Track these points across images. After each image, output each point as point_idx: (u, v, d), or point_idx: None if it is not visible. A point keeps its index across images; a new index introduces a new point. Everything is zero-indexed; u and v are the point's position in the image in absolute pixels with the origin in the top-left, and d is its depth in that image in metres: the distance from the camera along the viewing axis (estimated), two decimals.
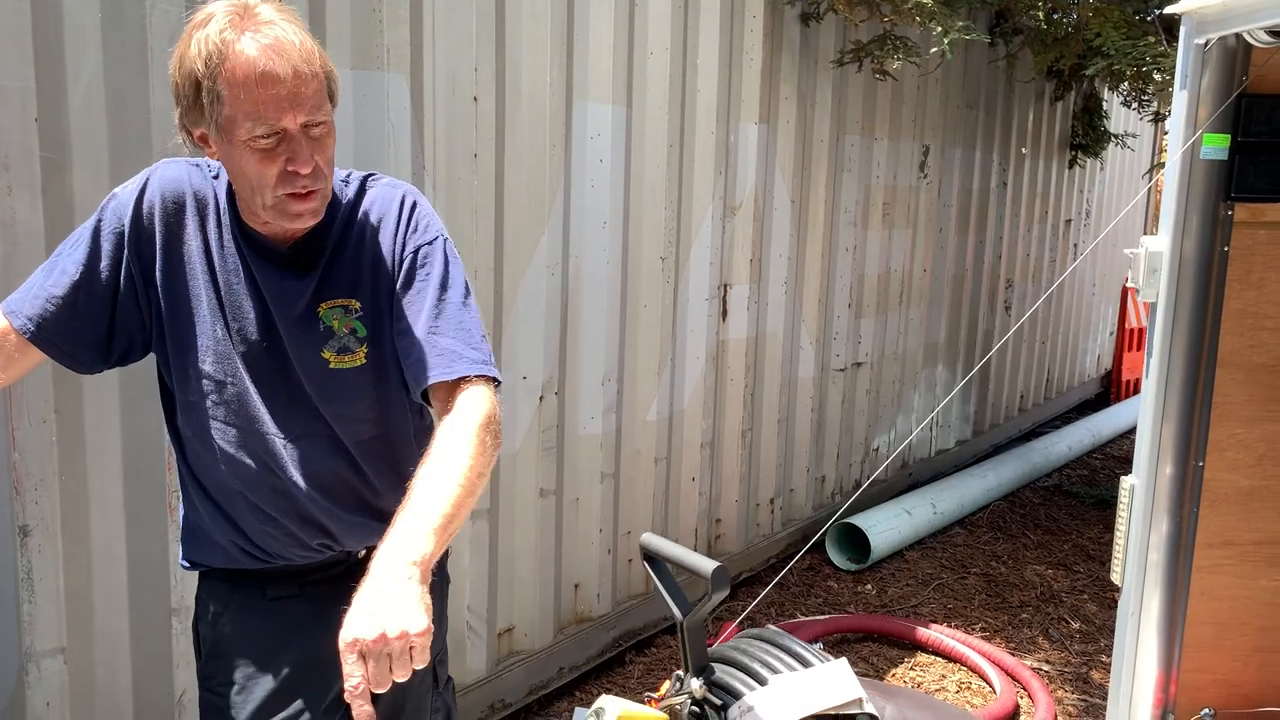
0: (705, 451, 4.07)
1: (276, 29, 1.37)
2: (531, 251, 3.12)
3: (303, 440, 1.53)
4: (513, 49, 2.95)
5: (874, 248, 5.06)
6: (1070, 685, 3.82)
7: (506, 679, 3.24)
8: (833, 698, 1.61)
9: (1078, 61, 4.86)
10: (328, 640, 1.38)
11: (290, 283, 1.51)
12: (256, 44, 1.34)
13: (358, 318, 1.52)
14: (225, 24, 1.35)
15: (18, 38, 1.90)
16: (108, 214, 1.51)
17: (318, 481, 1.54)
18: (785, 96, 4.23)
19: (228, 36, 1.34)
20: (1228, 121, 2.42)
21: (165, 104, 2.12)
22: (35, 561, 2.03)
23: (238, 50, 1.34)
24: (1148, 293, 2.47)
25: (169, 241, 1.51)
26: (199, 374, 1.51)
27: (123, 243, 1.50)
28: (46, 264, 1.52)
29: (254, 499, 1.54)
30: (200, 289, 1.51)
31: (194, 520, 1.62)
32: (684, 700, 1.62)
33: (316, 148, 1.41)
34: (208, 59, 1.34)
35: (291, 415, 1.53)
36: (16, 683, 2.04)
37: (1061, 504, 5.98)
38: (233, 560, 1.59)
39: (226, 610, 1.61)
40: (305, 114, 1.38)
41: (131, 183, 1.54)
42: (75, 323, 1.48)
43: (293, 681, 1.56)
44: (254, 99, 1.34)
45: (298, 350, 1.52)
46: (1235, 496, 2.60)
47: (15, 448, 1.98)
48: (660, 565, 1.73)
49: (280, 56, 1.35)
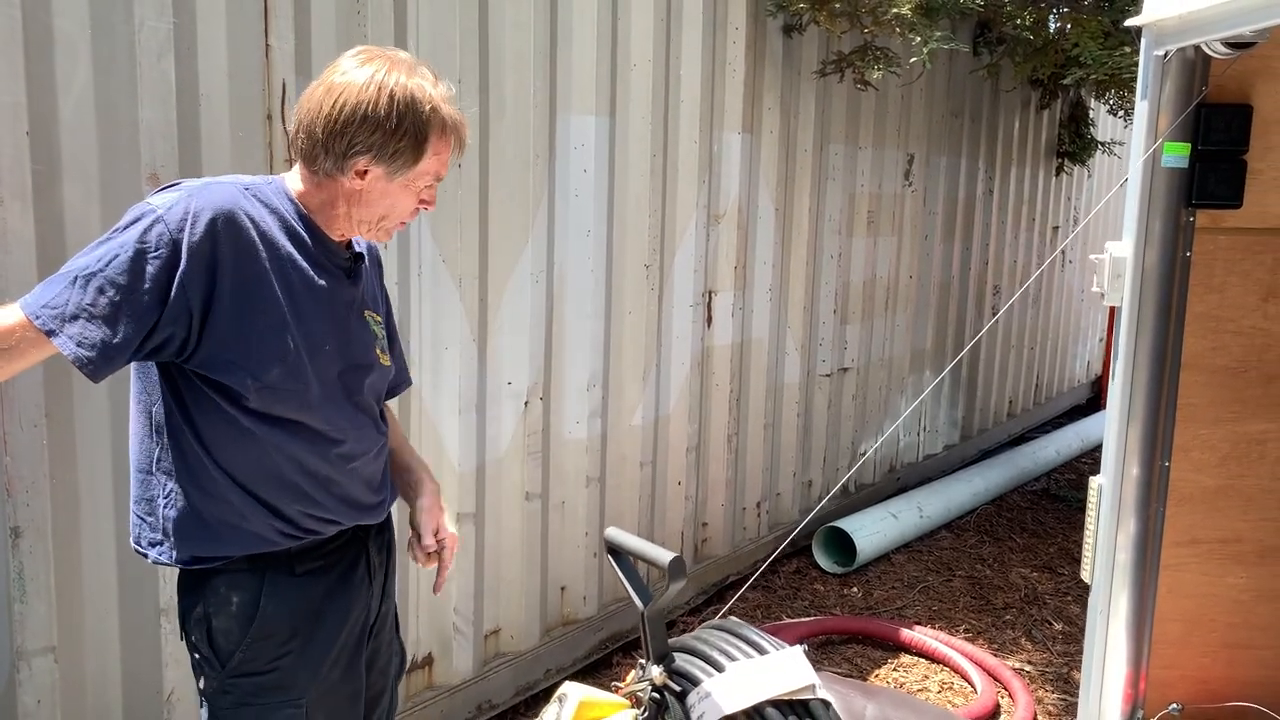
0: (691, 456, 4.13)
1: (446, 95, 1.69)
2: (516, 260, 3.18)
3: (353, 430, 1.72)
4: (496, 61, 3.02)
5: (859, 255, 5.13)
6: (1051, 685, 3.87)
7: (493, 680, 3.30)
8: (787, 684, 1.67)
9: (1056, 71, 4.93)
10: (353, 600, 1.76)
11: (344, 287, 1.73)
12: (458, 115, 1.68)
13: (380, 326, 1.83)
14: (428, 89, 1.63)
15: (9, 53, 1.96)
16: (163, 249, 1.50)
17: (364, 473, 1.76)
18: (768, 106, 4.30)
19: (440, 105, 1.64)
20: (1188, 130, 2.49)
21: (154, 117, 2.20)
22: (26, 562, 2.09)
23: (453, 120, 1.67)
24: (1112, 297, 2.54)
25: (238, 265, 1.56)
26: (262, 382, 1.58)
27: (175, 275, 1.50)
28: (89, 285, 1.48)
29: (305, 486, 1.67)
30: (267, 303, 1.60)
31: (212, 514, 1.62)
32: (645, 687, 1.68)
33: None
34: (427, 118, 1.62)
35: (346, 409, 1.72)
36: (8, 681, 2.10)
37: (1049, 508, 6.04)
38: (265, 544, 1.65)
39: (261, 595, 1.66)
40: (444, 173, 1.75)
41: (185, 226, 1.52)
42: (126, 359, 1.54)
43: (335, 644, 1.73)
44: (445, 159, 1.70)
45: (356, 349, 1.74)
46: (1201, 496, 2.66)
47: (7, 451, 2.03)
48: (623, 558, 1.79)
49: (462, 124, 1.73)
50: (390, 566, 1.92)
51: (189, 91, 2.26)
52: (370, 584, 1.81)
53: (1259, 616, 2.72)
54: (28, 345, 1.49)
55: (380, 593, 1.87)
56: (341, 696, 1.75)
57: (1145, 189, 2.49)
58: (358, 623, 1.78)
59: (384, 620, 1.89)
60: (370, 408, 1.78)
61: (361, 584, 1.79)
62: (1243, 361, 2.63)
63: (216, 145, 2.31)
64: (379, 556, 1.85)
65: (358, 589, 1.78)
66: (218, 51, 2.30)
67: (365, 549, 1.80)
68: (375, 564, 1.84)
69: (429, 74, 1.66)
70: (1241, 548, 2.69)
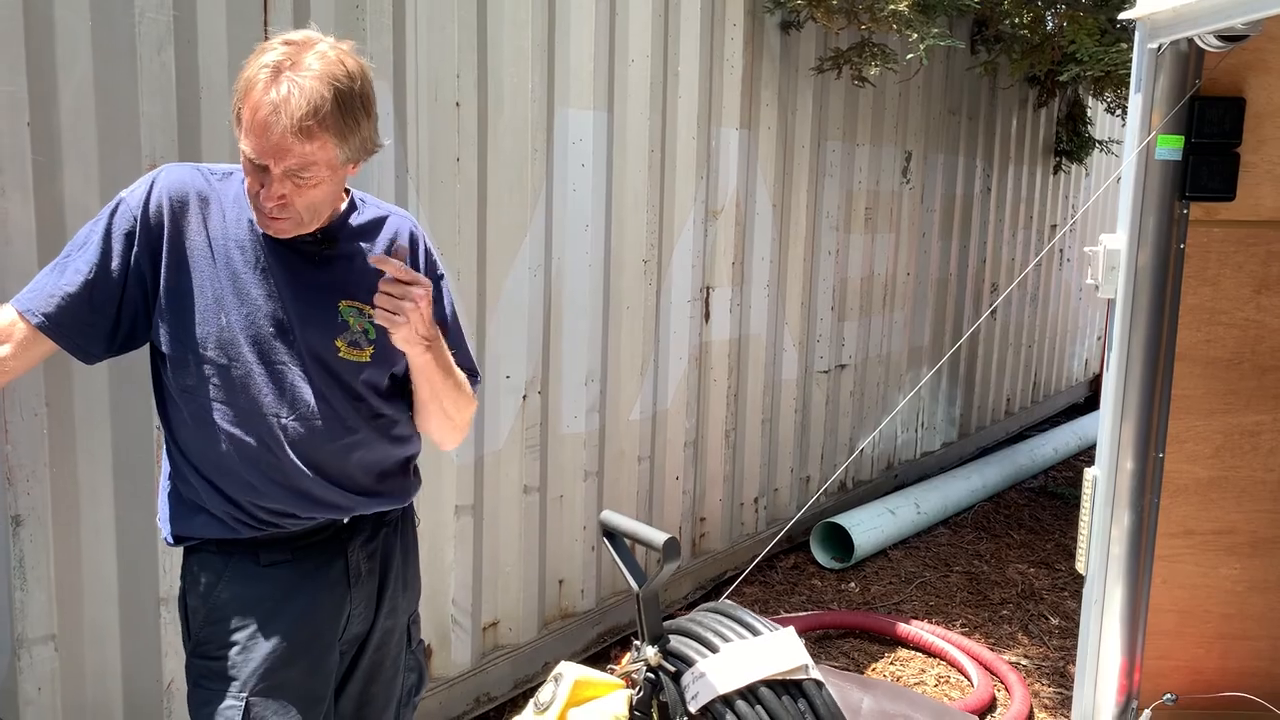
0: (689, 451, 4.14)
1: (298, 84, 1.50)
2: (514, 253, 3.20)
3: (301, 421, 1.67)
4: (494, 56, 3.04)
5: (857, 252, 5.15)
6: (1047, 679, 3.89)
7: (491, 672, 3.31)
8: (780, 664, 1.68)
9: (1052, 68, 4.94)
10: (320, 600, 1.72)
11: (311, 271, 1.68)
12: (276, 94, 1.50)
13: (371, 322, 1.69)
14: (269, 62, 1.52)
15: (10, 45, 1.97)
16: (117, 216, 1.63)
17: (312, 460, 1.68)
18: (766, 103, 4.31)
19: (261, 77, 1.52)
20: (1182, 123, 2.50)
21: (154, 109, 2.22)
22: (27, 550, 2.10)
23: (257, 91, 1.52)
24: (1106, 289, 2.55)
25: (174, 238, 1.64)
26: (200, 359, 1.63)
27: (132, 241, 1.62)
28: (54, 265, 1.63)
29: (249, 477, 1.66)
30: (205, 280, 1.64)
31: (185, 495, 1.71)
32: (640, 667, 1.70)
33: (298, 190, 1.57)
34: (245, 86, 1.53)
35: (293, 397, 1.67)
36: (9, 669, 2.11)
37: (1046, 505, 6.05)
38: (226, 530, 1.68)
39: (220, 579, 1.70)
40: (283, 165, 1.53)
41: (138, 186, 1.66)
42: (88, 317, 1.61)
43: (290, 641, 1.68)
44: (253, 132, 1.53)
45: (310, 335, 1.67)
46: (1195, 487, 2.68)
47: (7, 439, 2.05)
48: (618, 540, 1.81)
49: (281, 114, 1.50)
50: (392, 581, 1.83)
51: (189, 83, 2.28)
52: (350, 589, 1.76)
53: (1253, 607, 2.74)
54: (21, 335, 1.59)
55: (373, 604, 1.80)
56: (295, 696, 1.69)
57: (1139, 181, 2.50)
58: (326, 626, 1.73)
59: (385, 636, 1.83)
60: (331, 397, 1.69)
61: (335, 587, 1.74)
62: (1236, 353, 2.64)
63: (216, 136, 2.33)
64: (368, 563, 1.78)
65: (328, 591, 1.73)
66: (218, 43, 2.31)
67: (345, 552, 1.75)
68: (361, 570, 1.77)
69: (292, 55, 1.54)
70: (1235, 539, 2.71)
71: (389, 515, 1.84)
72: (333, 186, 1.61)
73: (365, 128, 1.60)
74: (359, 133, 1.58)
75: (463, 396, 1.81)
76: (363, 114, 1.59)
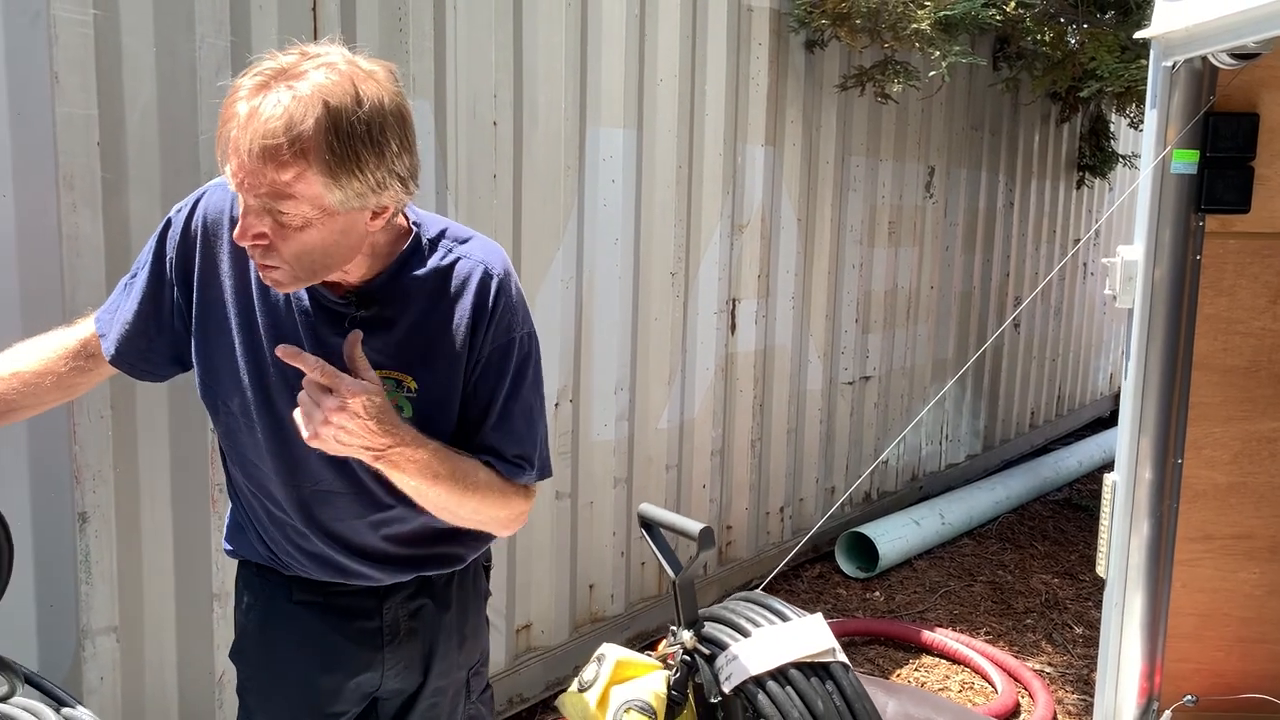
0: (715, 460, 4.23)
1: (279, 98, 1.24)
2: (547, 266, 3.31)
3: (319, 494, 1.51)
4: (530, 77, 3.16)
5: (880, 265, 5.22)
6: (1071, 686, 3.93)
7: (524, 674, 3.40)
8: (809, 647, 1.77)
9: (1073, 84, 5.02)
10: (343, 655, 1.56)
11: (337, 339, 1.38)
12: (247, 104, 1.26)
13: (407, 397, 1.45)
14: (268, 69, 1.28)
15: (84, 70, 2.11)
16: (165, 239, 1.52)
17: (333, 532, 1.53)
18: (791, 120, 4.41)
19: (247, 82, 1.28)
20: (1197, 138, 2.58)
21: (212, 129, 2.34)
22: (92, 545, 2.22)
23: (233, 104, 1.28)
24: (1124, 300, 2.63)
25: (205, 272, 1.47)
26: (225, 407, 1.51)
27: (173, 268, 1.50)
28: (125, 282, 1.57)
29: (274, 531, 1.57)
30: (232, 327, 1.46)
31: (235, 513, 1.67)
32: (676, 650, 1.79)
33: (281, 232, 1.29)
34: (228, 98, 1.29)
35: (315, 469, 1.49)
36: (74, 658, 2.23)
37: (1070, 517, 6.08)
38: (260, 559, 1.63)
39: (256, 604, 1.64)
40: (255, 196, 1.27)
41: (185, 204, 1.52)
42: (149, 346, 1.54)
43: (306, 691, 1.60)
44: (224, 154, 1.30)
45: None
46: (1213, 493, 2.74)
47: (76, 440, 2.17)
48: (655, 531, 1.90)
49: (243, 128, 1.25)
50: (444, 641, 1.65)
51: None
52: (383, 649, 1.60)
53: (1271, 611, 2.79)
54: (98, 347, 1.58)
55: (419, 664, 1.63)
56: None
57: (1155, 194, 2.58)
58: (351, 675, 1.59)
59: (438, 694, 1.66)
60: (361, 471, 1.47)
61: (367, 642, 1.59)
62: (1253, 362, 2.70)
63: None
64: (410, 622, 1.61)
65: (356, 646, 1.58)
66: None
67: (380, 611, 1.58)
68: (400, 629, 1.60)
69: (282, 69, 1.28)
70: (1254, 544, 2.76)
71: (440, 575, 1.63)
72: (330, 235, 1.30)
73: (374, 169, 1.27)
74: (362, 174, 1.26)
75: (471, 498, 1.45)
76: (369, 150, 1.26)
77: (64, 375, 1.57)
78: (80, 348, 1.59)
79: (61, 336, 1.60)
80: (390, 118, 1.29)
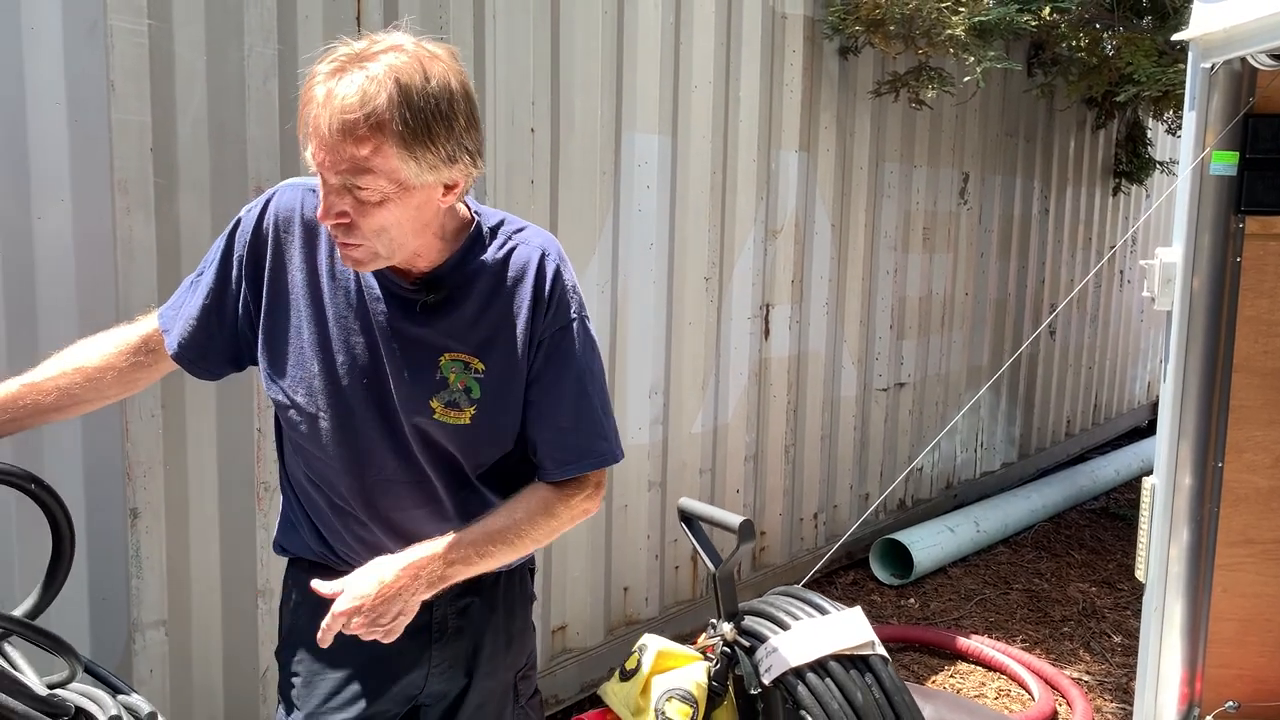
0: (749, 465, 4.24)
1: (355, 79, 1.32)
2: (583, 270, 3.34)
3: (384, 484, 1.55)
4: (566, 85, 3.20)
5: (915, 271, 5.22)
6: (1110, 694, 3.89)
7: (560, 675, 3.43)
8: (848, 640, 1.78)
9: (1110, 89, 4.99)
10: (392, 648, 1.53)
11: (408, 324, 1.49)
12: (324, 87, 1.33)
13: (475, 378, 1.51)
14: (340, 55, 1.36)
15: (138, 79, 2.18)
16: (234, 239, 1.57)
17: (393, 523, 1.56)
18: (825, 126, 4.43)
19: (323, 68, 1.36)
20: (1236, 140, 2.57)
21: (260, 134, 2.41)
22: (143, 541, 2.28)
23: (312, 92, 1.35)
24: (1163, 302, 2.61)
25: (276, 269, 1.54)
26: (292, 403, 1.55)
27: (242, 266, 1.55)
28: (191, 280, 1.62)
29: (336, 523, 1.60)
30: (301, 320, 1.52)
31: (288, 512, 1.69)
32: (717, 642, 1.81)
33: (360, 209, 1.37)
34: (306, 84, 1.36)
35: (377, 458, 1.53)
36: (124, 651, 2.28)
37: (1108, 526, 6.02)
38: (314, 555, 1.65)
39: (305, 601, 1.63)
40: (336, 172, 1.34)
41: (255, 205, 1.57)
42: (210, 345, 1.59)
43: (356, 681, 1.61)
44: (307, 136, 1.36)
45: (404, 393, 1.51)
46: (1255, 497, 2.71)
47: (128, 438, 2.23)
48: (695, 524, 1.93)
49: (324, 108, 1.32)
50: (489, 641, 1.67)
51: (291, 111, 2.46)
52: (430, 646, 1.62)
53: None
54: (162, 345, 1.62)
55: (464, 663, 1.65)
56: None
57: (1194, 196, 2.57)
58: (396, 675, 1.61)
59: (486, 696, 1.68)
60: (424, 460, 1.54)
61: (414, 639, 1.56)
62: None
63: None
64: (458, 620, 1.64)
65: (406, 641, 1.52)
66: None
67: (429, 605, 1.54)
68: (448, 626, 1.63)
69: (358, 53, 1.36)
70: None
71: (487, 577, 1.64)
72: (406, 211, 1.38)
73: (444, 141, 1.35)
74: (434, 146, 1.34)
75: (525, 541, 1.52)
76: (439, 124, 1.34)
77: (124, 370, 1.61)
78: (141, 343, 1.63)
79: (123, 332, 1.65)
80: (456, 94, 1.37)
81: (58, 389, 1.56)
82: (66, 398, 1.57)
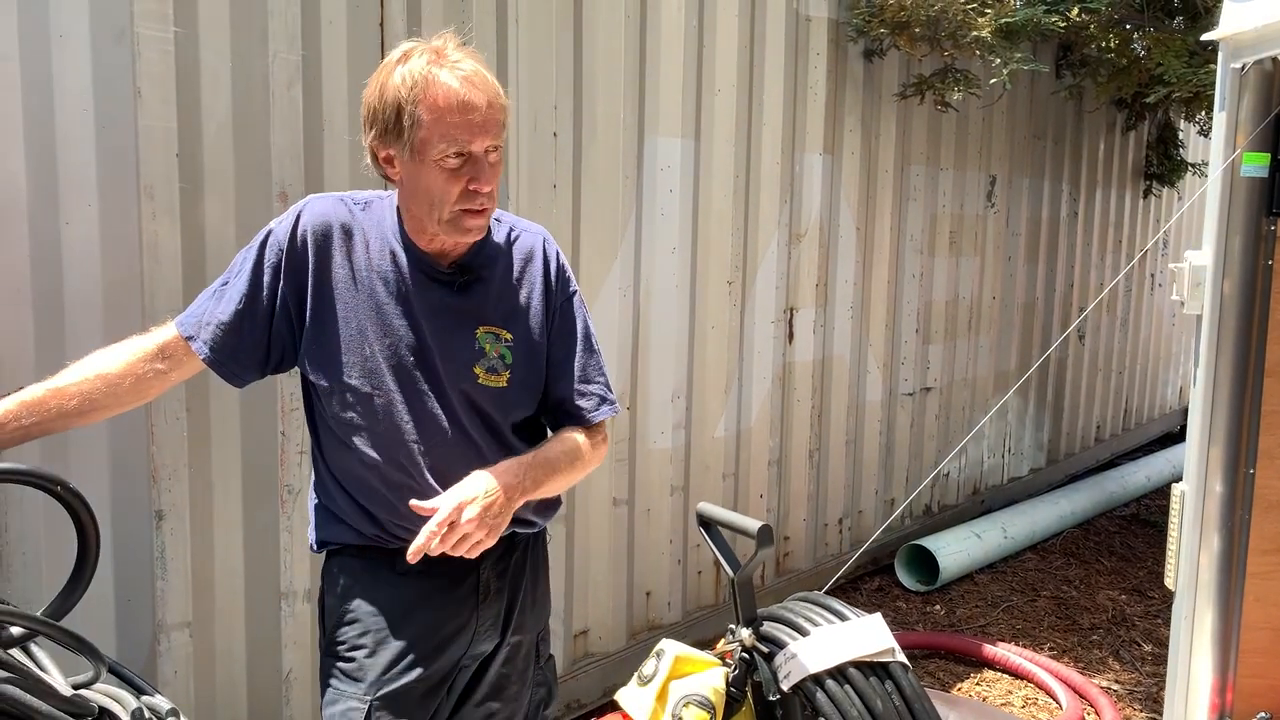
0: (773, 470, 4.22)
1: (471, 65, 1.61)
2: (605, 274, 3.34)
3: (439, 448, 1.71)
4: (589, 89, 3.21)
5: (941, 275, 5.18)
6: (1140, 704, 3.83)
7: (582, 679, 3.42)
8: (868, 646, 1.76)
9: (1139, 90, 4.93)
10: (448, 612, 1.75)
11: (449, 300, 1.72)
12: (456, 77, 1.58)
13: (507, 346, 1.75)
14: (426, 60, 1.59)
15: (164, 85, 2.20)
16: (267, 248, 1.71)
17: (449, 484, 1.67)
18: (849, 128, 4.41)
19: (432, 70, 1.58)
20: (1267, 141, 2.52)
21: (284, 140, 2.43)
22: (168, 543, 2.30)
23: (441, 81, 1.57)
24: (1192, 306, 2.57)
25: (319, 271, 1.70)
26: (345, 387, 1.69)
27: (279, 274, 1.70)
28: (214, 290, 1.73)
29: (391, 497, 1.71)
30: (349, 311, 1.69)
31: (328, 506, 1.79)
32: (735, 648, 1.80)
33: (492, 172, 1.63)
34: (413, 87, 1.57)
35: (432, 424, 1.71)
36: (149, 652, 2.30)
37: (1138, 532, 5.94)
38: (365, 540, 1.76)
39: (357, 583, 1.76)
40: (490, 139, 1.61)
41: (286, 218, 1.73)
42: (240, 347, 1.70)
43: (415, 648, 1.73)
44: (451, 124, 1.57)
45: (450, 364, 1.71)
46: None
47: (154, 441, 2.25)
48: (714, 529, 1.92)
49: (476, 88, 1.59)
50: (521, 599, 1.84)
51: (314, 117, 2.48)
52: (478, 607, 1.78)
53: None
54: (182, 354, 1.71)
55: (500, 622, 1.81)
56: (413, 705, 1.73)
57: (1225, 198, 2.53)
58: (451, 638, 1.76)
59: (513, 651, 1.84)
60: (470, 425, 1.73)
61: (465, 602, 1.76)
62: None
63: (337, 166, 2.53)
64: (498, 582, 1.80)
65: (457, 604, 1.75)
66: (339, 81, 2.52)
67: (477, 568, 1.76)
68: (490, 588, 1.79)
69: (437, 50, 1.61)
70: None
71: (520, 535, 1.84)
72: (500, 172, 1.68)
73: None
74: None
75: (573, 471, 1.78)
76: None
77: (141, 377, 1.68)
78: (158, 351, 1.70)
79: (141, 341, 1.71)
80: None
81: (80, 394, 1.62)
82: (88, 403, 1.62)
